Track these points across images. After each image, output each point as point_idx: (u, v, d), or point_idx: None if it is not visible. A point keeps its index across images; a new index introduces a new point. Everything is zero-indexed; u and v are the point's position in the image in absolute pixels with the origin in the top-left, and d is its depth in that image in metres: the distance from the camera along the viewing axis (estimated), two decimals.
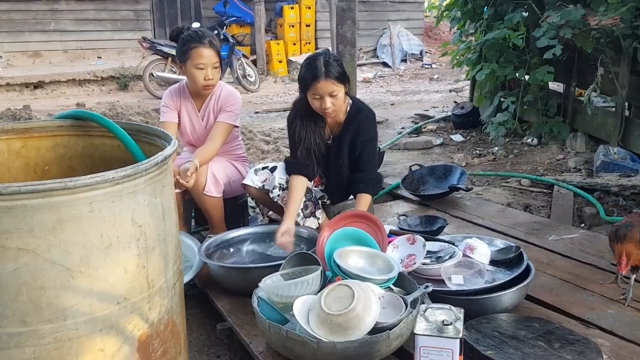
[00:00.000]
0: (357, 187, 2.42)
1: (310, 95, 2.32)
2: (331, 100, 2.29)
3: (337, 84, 2.27)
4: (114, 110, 4.55)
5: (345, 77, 2.33)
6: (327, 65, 2.26)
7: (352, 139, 2.45)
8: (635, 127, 3.91)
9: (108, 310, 1.20)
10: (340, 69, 2.30)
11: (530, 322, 1.79)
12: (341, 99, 2.33)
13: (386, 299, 1.79)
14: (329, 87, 2.26)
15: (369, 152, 2.47)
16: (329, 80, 2.25)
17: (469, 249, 2.10)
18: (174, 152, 1.32)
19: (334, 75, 2.26)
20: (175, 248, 1.39)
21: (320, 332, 1.65)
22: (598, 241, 2.57)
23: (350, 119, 2.46)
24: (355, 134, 2.44)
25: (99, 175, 1.12)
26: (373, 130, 2.49)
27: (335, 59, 2.33)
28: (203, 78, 2.51)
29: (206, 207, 2.62)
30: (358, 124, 2.44)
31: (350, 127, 2.45)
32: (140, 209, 1.21)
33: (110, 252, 1.18)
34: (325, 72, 2.24)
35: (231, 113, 2.62)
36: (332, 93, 2.27)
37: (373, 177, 2.46)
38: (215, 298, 2.20)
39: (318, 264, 1.94)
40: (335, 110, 2.33)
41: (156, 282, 1.29)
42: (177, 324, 1.41)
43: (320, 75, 2.24)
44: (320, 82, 2.25)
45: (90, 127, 1.59)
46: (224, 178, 2.64)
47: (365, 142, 2.45)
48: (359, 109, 2.48)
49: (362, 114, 2.46)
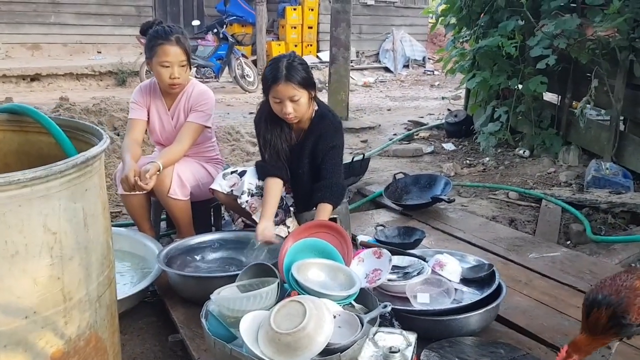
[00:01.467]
0: (317, 197, 2.30)
1: (271, 98, 2.22)
2: (292, 105, 2.18)
3: (298, 89, 2.16)
4: (98, 105, 4.45)
5: (309, 83, 2.21)
6: (290, 68, 2.15)
7: (313, 147, 2.34)
8: (629, 142, 3.79)
9: (14, 325, 1.09)
10: (304, 73, 2.19)
11: (496, 348, 1.67)
12: (304, 105, 2.21)
13: (342, 318, 1.67)
14: (289, 92, 2.15)
15: (330, 161, 2.34)
16: (290, 84, 2.14)
17: (439, 266, 1.99)
18: (100, 153, 1.21)
19: (296, 79, 2.15)
20: (103, 257, 1.28)
21: (268, 351, 1.54)
22: (580, 261, 2.45)
23: (313, 126, 2.35)
24: (317, 142, 2.33)
25: (3, 176, 1.01)
26: (337, 138, 2.36)
27: (300, 62, 2.22)
28: (168, 76, 2.41)
29: (172, 210, 2.52)
30: (320, 131, 2.33)
31: (312, 135, 2.34)
32: (54, 214, 1.11)
33: (16, 261, 1.07)
34: (287, 75, 2.14)
35: (202, 113, 2.51)
36: (292, 98, 2.17)
37: (333, 186, 2.32)
38: (171, 307, 2.09)
39: (276, 277, 1.83)
40: (296, 116, 2.23)
41: (74, 294, 1.18)
42: (104, 340, 1.30)
43: (280, 78, 2.14)
44: (279, 85, 2.15)
45: (27, 123, 1.49)
46: (191, 180, 2.53)
47: (327, 150, 2.33)
48: (322, 115, 2.36)
49: (325, 121, 2.34)
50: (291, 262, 1.86)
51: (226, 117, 6.81)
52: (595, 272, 2.32)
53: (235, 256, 2.43)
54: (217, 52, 9.02)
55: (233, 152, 4.43)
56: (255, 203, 2.39)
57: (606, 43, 3.57)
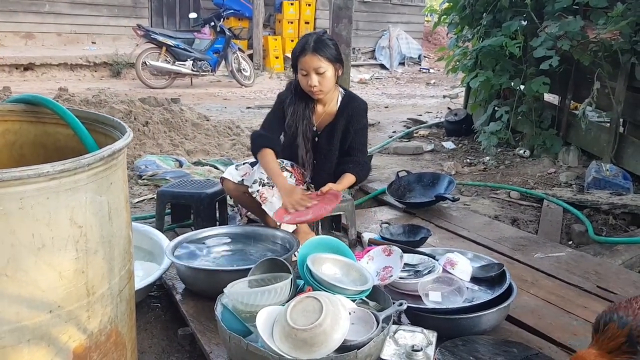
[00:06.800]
0: (345, 167, 2.40)
1: (299, 70, 2.30)
2: (318, 78, 2.25)
3: (324, 61, 2.23)
4: (98, 97, 4.40)
5: (336, 59, 2.29)
6: (318, 41, 2.24)
7: (346, 126, 2.43)
8: (629, 144, 3.82)
9: (38, 319, 1.07)
10: (332, 49, 2.27)
11: (509, 347, 1.68)
12: (329, 80, 2.28)
13: (357, 315, 1.67)
14: (314, 63, 2.22)
15: (360, 140, 2.46)
16: (316, 55, 2.22)
17: (450, 264, 1.99)
18: (124, 147, 1.20)
19: (323, 51, 2.23)
20: (124, 251, 1.27)
21: (284, 347, 1.53)
22: (585, 261, 2.47)
23: (343, 107, 2.43)
24: (349, 122, 2.42)
25: (32, 168, 1.00)
26: (365, 119, 2.49)
27: (330, 38, 2.31)
28: None
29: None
30: (351, 112, 2.42)
31: (343, 116, 2.42)
32: (80, 207, 1.09)
33: (42, 255, 1.05)
34: (314, 47, 2.22)
35: None
36: (318, 70, 2.24)
37: (361, 162, 2.44)
38: (180, 301, 2.08)
39: (289, 272, 1.82)
40: (322, 90, 2.29)
41: (98, 288, 1.17)
42: (123, 335, 1.29)
43: (307, 49, 2.23)
44: (307, 55, 2.23)
45: (44, 114, 1.46)
46: None
47: (358, 130, 2.44)
48: (352, 97, 2.47)
49: (355, 102, 2.45)
50: (305, 256, 1.86)
51: (223, 112, 6.77)
52: (600, 273, 2.34)
53: (243, 249, 2.42)
54: (213, 45, 8.97)
55: (234, 146, 4.41)
56: (265, 193, 2.38)
57: (608, 45, 3.60)
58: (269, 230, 2.43)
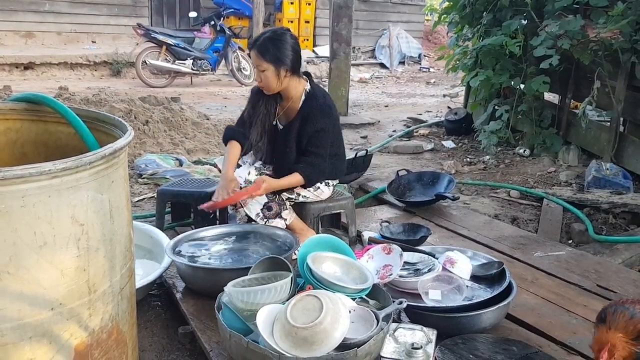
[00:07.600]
0: (295, 167, 2.36)
1: None
2: (260, 74, 2.29)
3: (261, 60, 2.25)
4: (98, 96, 4.40)
5: (275, 59, 2.26)
6: (262, 40, 2.27)
7: (300, 127, 2.37)
8: (629, 143, 3.83)
9: (40, 316, 1.08)
10: (273, 49, 2.25)
11: (509, 345, 1.69)
12: (269, 78, 2.28)
13: (357, 313, 1.68)
14: (255, 60, 2.29)
15: (316, 143, 2.36)
16: (254, 52, 2.26)
17: (449, 263, 1.99)
18: (126, 145, 1.20)
19: (261, 51, 2.25)
20: (125, 249, 1.27)
21: (284, 345, 1.54)
22: (585, 260, 2.48)
23: (304, 105, 2.39)
24: (304, 123, 2.36)
25: (34, 166, 1.00)
26: (325, 121, 2.36)
27: (279, 38, 2.27)
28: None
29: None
30: (308, 111, 2.36)
31: (300, 115, 2.38)
32: (82, 205, 1.09)
33: (44, 252, 1.06)
34: (255, 45, 2.27)
35: None
36: (258, 67, 2.28)
37: (314, 165, 2.36)
38: (181, 299, 2.08)
39: (289, 270, 1.83)
40: (263, 86, 2.32)
41: (99, 286, 1.17)
42: (124, 332, 1.29)
43: (251, 46, 2.29)
44: (251, 52, 2.29)
45: (45, 112, 1.46)
46: None
47: (313, 132, 2.34)
48: (312, 96, 2.39)
49: (313, 102, 2.37)
50: (305, 255, 1.86)
51: (223, 110, 6.77)
52: (600, 272, 2.35)
53: (242, 248, 2.43)
54: (213, 44, 8.96)
55: None
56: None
57: (609, 44, 3.60)
58: (269, 229, 2.43)
